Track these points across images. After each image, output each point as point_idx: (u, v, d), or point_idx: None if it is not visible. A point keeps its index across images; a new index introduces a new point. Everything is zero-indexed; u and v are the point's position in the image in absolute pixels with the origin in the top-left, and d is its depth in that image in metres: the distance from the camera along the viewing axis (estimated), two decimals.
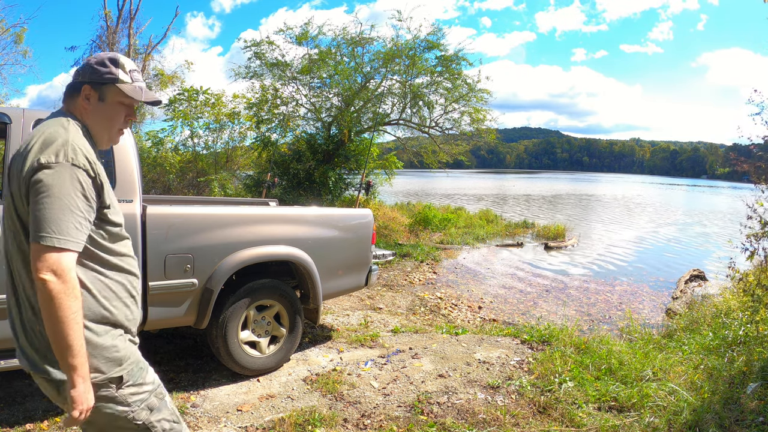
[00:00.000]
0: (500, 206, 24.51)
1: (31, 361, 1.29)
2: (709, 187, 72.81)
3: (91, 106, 1.37)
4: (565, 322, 4.80)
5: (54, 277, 1.13)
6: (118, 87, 1.37)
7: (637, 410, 2.81)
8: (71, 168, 1.20)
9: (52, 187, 1.17)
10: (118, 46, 14.30)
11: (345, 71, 10.90)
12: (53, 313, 1.14)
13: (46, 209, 1.16)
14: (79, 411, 1.20)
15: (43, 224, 1.15)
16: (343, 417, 2.78)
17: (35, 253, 1.15)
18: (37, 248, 1.15)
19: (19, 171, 1.22)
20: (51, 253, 1.14)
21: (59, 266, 1.14)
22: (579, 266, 9.78)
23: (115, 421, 1.35)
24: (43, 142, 1.23)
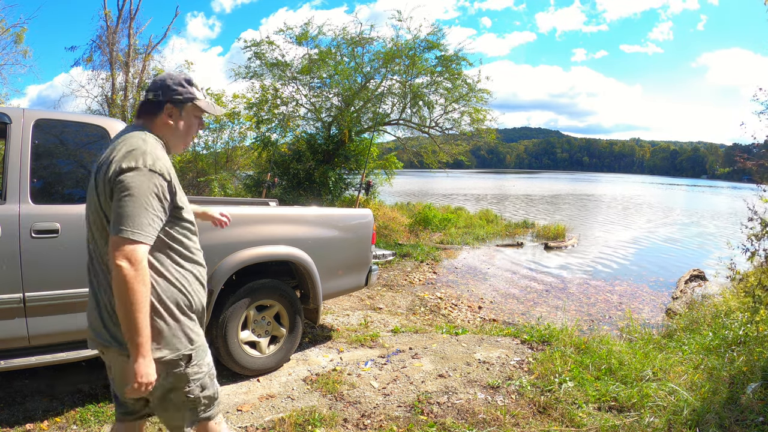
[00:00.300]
0: (500, 206, 24.51)
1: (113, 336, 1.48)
2: (709, 187, 72.82)
3: (173, 121, 1.61)
4: (565, 322, 4.80)
5: (128, 265, 1.33)
6: (196, 104, 1.64)
7: (637, 410, 2.81)
8: (149, 173, 1.41)
9: (133, 188, 1.38)
10: (118, 46, 14.28)
11: (345, 71, 10.90)
12: (125, 297, 1.34)
13: (126, 207, 1.36)
14: (141, 384, 1.38)
15: (123, 219, 1.36)
16: (343, 417, 2.78)
17: (114, 244, 1.36)
18: (116, 240, 1.36)
19: (105, 174, 1.42)
20: (127, 245, 1.34)
21: (134, 256, 1.34)
22: (579, 266, 9.78)
23: (172, 393, 1.54)
24: (126, 150, 1.44)
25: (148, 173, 1.41)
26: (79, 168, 2.85)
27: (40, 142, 2.61)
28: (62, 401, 2.82)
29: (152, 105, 1.59)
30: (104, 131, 2.81)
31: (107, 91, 14.25)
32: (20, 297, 2.43)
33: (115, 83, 14.20)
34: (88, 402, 2.82)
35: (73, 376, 3.14)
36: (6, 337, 2.44)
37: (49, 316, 2.52)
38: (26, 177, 2.51)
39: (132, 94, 14.19)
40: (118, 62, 14.13)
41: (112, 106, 13.83)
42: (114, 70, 14.14)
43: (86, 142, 2.87)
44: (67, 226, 2.55)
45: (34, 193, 2.52)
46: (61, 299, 2.53)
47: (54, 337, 2.58)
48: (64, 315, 2.56)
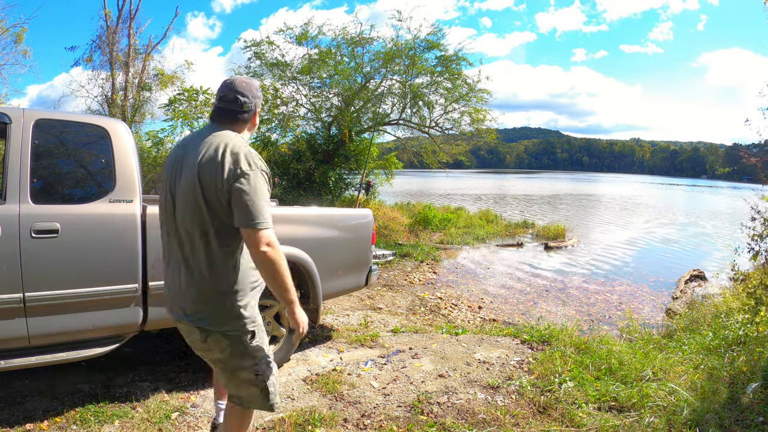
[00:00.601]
0: (500, 206, 24.51)
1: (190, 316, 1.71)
2: (709, 187, 72.83)
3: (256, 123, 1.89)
4: (565, 322, 4.80)
5: (270, 248, 1.60)
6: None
7: (637, 410, 2.81)
8: (261, 172, 1.65)
9: (254, 187, 1.61)
10: (118, 46, 14.28)
11: (345, 71, 10.90)
12: (275, 270, 1.61)
13: (254, 204, 1.59)
14: (302, 327, 1.73)
15: (254, 214, 1.59)
16: (343, 417, 2.78)
17: (252, 235, 1.59)
18: (253, 231, 1.59)
19: (214, 172, 1.61)
20: (264, 233, 1.59)
21: (271, 240, 1.61)
22: (579, 266, 9.78)
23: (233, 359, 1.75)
24: (230, 153, 1.63)
25: (261, 173, 1.65)
26: (79, 168, 2.85)
27: (40, 142, 2.61)
28: (62, 401, 2.82)
29: (243, 110, 1.78)
30: (104, 131, 2.81)
31: (107, 91, 14.24)
32: (20, 297, 2.43)
33: (115, 83, 14.20)
34: (88, 402, 2.82)
35: (73, 376, 3.13)
36: (6, 337, 2.44)
37: (49, 316, 2.52)
38: (26, 177, 2.50)
39: (132, 94, 14.19)
40: (118, 62, 14.12)
41: (112, 106, 13.83)
42: (114, 70, 14.13)
43: (86, 142, 2.87)
44: (67, 226, 2.55)
45: (34, 193, 2.52)
46: (61, 299, 2.53)
47: (54, 337, 2.58)
48: (64, 315, 2.56)
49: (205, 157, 1.64)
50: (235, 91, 1.76)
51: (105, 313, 2.68)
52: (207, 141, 1.68)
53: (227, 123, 1.77)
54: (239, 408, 1.87)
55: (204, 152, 1.65)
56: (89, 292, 2.60)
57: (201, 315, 1.70)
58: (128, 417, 2.68)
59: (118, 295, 2.70)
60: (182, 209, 1.69)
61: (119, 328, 2.76)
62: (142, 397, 2.93)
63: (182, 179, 1.69)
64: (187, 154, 1.71)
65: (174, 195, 1.72)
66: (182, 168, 1.71)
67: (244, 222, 1.59)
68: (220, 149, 1.64)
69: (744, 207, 4.76)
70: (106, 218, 2.68)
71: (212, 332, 1.70)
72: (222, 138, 1.68)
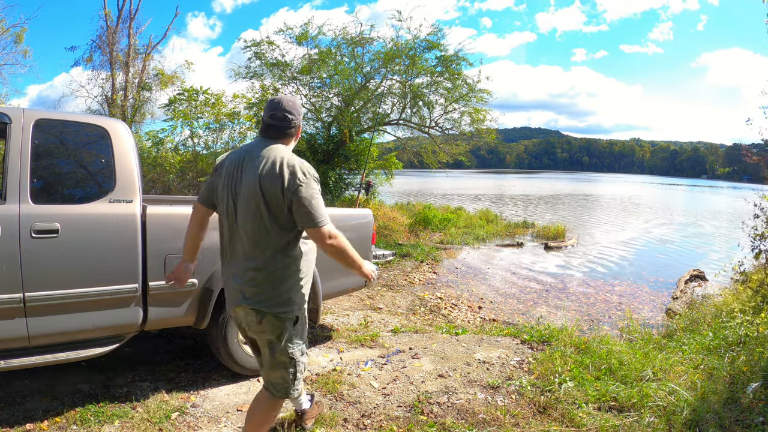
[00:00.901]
0: (500, 206, 24.51)
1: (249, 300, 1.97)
2: (709, 187, 72.81)
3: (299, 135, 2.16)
4: (565, 322, 4.80)
5: (333, 239, 1.91)
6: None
7: (637, 410, 2.81)
8: (314, 180, 1.94)
9: (311, 193, 1.90)
10: (118, 46, 14.28)
11: (345, 71, 10.90)
12: (344, 254, 1.96)
13: (314, 207, 1.89)
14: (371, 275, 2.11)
15: (315, 216, 1.89)
16: (343, 417, 2.78)
17: (316, 233, 1.91)
18: (317, 230, 1.90)
19: (275, 181, 1.88)
20: (325, 229, 1.90)
21: (332, 233, 1.92)
22: (579, 266, 9.78)
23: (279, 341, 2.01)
24: (287, 165, 1.90)
25: (314, 180, 1.94)
26: (79, 168, 2.85)
27: (40, 142, 2.61)
28: (62, 401, 2.82)
29: (291, 125, 2.04)
30: (104, 131, 2.81)
31: (107, 91, 14.24)
32: (20, 297, 2.43)
33: (115, 83, 14.20)
34: (88, 402, 2.82)
35: (73, 376, 3.14)
36: (6, 337, 2.44)
37: (49, 316, 2.52)
38: (26, 177, 2.50)
39: (132, 94, 14.19)
40: (118, 62, 14.12)
41: (112, 106, 13.83)
42: (114, 70, 14.13)
43: (86, 142, 2.87)
44: (67, 226, 2.55)
45: (34, 193, 2.52)
46: (61, 299, 2.53)
47: (54, 337, 2.58)
48: (64, 315, 2.56)
49: (264, 169, 1.91)
50: (284, 110, 2.01)
51: (105, 313, 2.68)
52: (263, 154, 1.95)
53: (277, 137, 2.03)
54: (270, 397, 2.10)
55: (263, 165, 1.92)
56: (89, 292, 2.60)
57: (259, 298, 1.96)
58: (128, 417, 2.68)
59: (118, 295, 2.70)
60: (243, 211, 1.95)
61: (119, 328, 2.76)
62: (142, 397, 2.93)
63: (242, 186, 1.96)
64: (245, 164, 1.98)
65: (235, 199, 1.99)
66: (242, 176, 1.98)
67: (308, 224, 1.90)
68: (278, 163, 1.90)
69: (744, 207, 4.76)
70: (106, 218, 2.68)
71: (267, 314, 1.96)
72: (276, 152, 1.95)
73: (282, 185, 1.87)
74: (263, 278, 1.95)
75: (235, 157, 2.06)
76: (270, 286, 1.96)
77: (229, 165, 2.05)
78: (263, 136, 2.05)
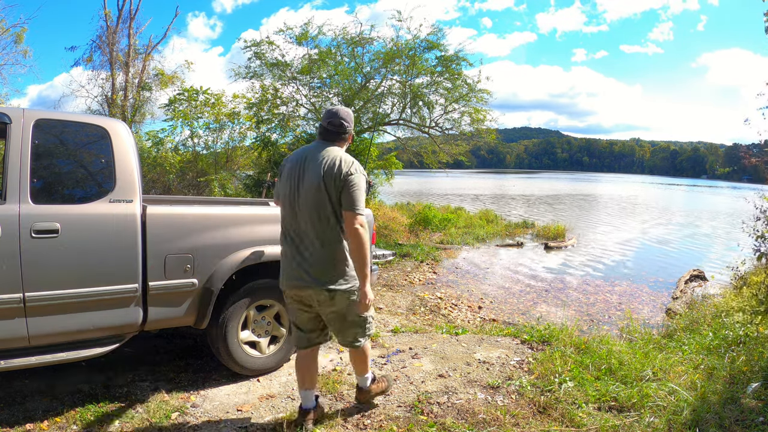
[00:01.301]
0: (500, 206, 24.51)
1: (318, 281, 2.36)
2: (709, 187, 72.82)
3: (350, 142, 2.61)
4: (565, 322, 4.80)
5: (361, 227, 2.28)
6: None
7: (637, 410, 2.81)
8: (363, 175, 2.39)
9: (356, 184, 2.33)
10: (118, 46, 14.28)
11: (345, 71, 10.90)
12: (360, 244, 2.27)
13: (355, 195, 2.31)
14: (368, 300, 2.35)
15: (355, 203, 2.30)
16: (343, 417, 2.78)
17: (350, 216, 2.29)
18: (352, 213, 2.29)
19: (333, 174, 2.31)
20: (359, 216, 2.29)
21: (362, 222, 2.30)
22: (579, 266, 9.78)
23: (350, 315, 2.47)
24: (344, 162, 2.35)
25: (361, 175, 2.37)
26: (79, 168, 2.85)
27: (40, 142, 2.61)
28: (62, 401, 2.82)
29: (345, 131, 2.49)
30: (104, 131, 2.81)
31: (107, 91, 14.25)
32: (20, 297, 2.43)
33: (115, 83, 14.20)
34: (88, 402, 2.82)
35: (73, 376, 3.14)
36: (6, 337, 2.44)
37: (49, 316, 2.52)
38: (26, 177, 2.50)
39: (132, 94, 14.19)
40: (118, 62, 14.13)
41: (112, 106, 13.83)
42: (114, 70, 14.14)
43: (86, 142, 2.87)
44: (67, 226, 2.55)
45: (34, 193, 2.52)
46: (61, 299, 2.53)
47: (54, 337, 2.58)
48: (64, 315, 2.56)
49: (326, 166, 2.35)
50: (340, 118, 2.46)
51: (105, 313, 2.68)
52: (324, 154, 2.39)
53: (333, 140, 2.47)
54: (354, 350, 2.65)
55: (325, 162, 2.36)
56: (89, 292, 2.60)
57: (327, 278, 2.36)
58: (128, 417, 2.68)
59: (118, 295, 2.70)
60: (305, 201, 2.36)
61: (119, 328, 2.76)
62: (142, 397, 2.93)
63: (306, 180, 2.36)
64: (308, 162, 2.40)
65: (298, 190, 2.39)
66: (304, 172, 2.39)
67: (347, 207, 2.31)
68: (336, 161, 2.35)
69: (745, 207, 4.75)
70: (106, 218, 2.68)
71: (337, 291, 2.37)
72: (335, 152, 2.40)
73: (339, 176, 2.31)
74: (328, 262, 2.37)
75: (296, 157, 2.48)
76: (334, 269, 2.38)
77: (291, 164, 2.48)
78: (321, 139, 2.48)
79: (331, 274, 2.36)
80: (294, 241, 2.42)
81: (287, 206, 2.45)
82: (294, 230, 2.42)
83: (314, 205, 2.34)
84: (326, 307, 2.44)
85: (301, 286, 2.40)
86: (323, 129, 2.47)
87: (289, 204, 2.42)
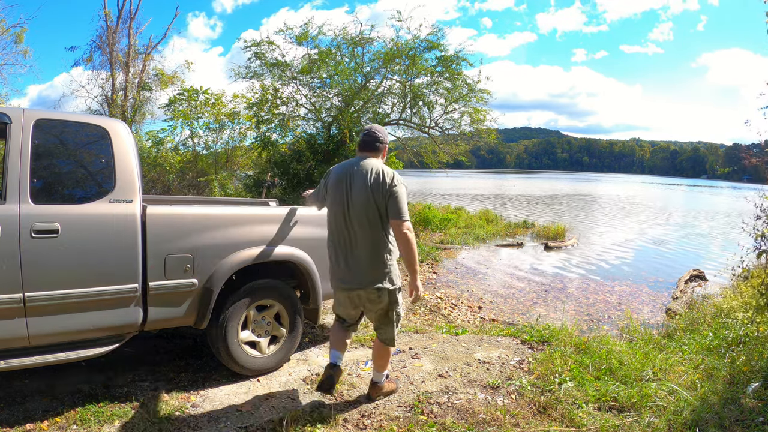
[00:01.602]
0: (500, 206, 24.50)
1: (368, 282, 2.67)
2: (709, 187, 72.81)
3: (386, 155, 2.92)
4: (565, 322, 4.80)
5: (409, 232, 2.60)
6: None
7: (637, 410, 2.81)
8: (403, 185, 2.68)
9: (400, 194, 2.62)
10: (118, 46, 14.28)
11: (345, 71, 10.89)
12: (410, 247, 2.59)
13: (400, 204, 2.60)
14: (419, 293, 2.70)
15: (401, 211, 2.60)
16: (343, 417, 2.78)
17: (399, 224, 2.58)
18: (400, 221, 2.58)
19: (379, 185, 2.62)
20: (406, 223, 2.59)
21: (410, 227, 2.62)
22: (578, 266, 9.77)
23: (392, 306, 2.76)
24: (386, 174, 2.65)
25: (402, 185, 2.67)
26: (79, 168, 2.85)
27: (40, 142, 2.61)
28: (62, 401, 2.82)
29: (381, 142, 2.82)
30: (104, 131, 2.81)
31: (107, 91, 14.25)
32: (20, 297, 2.43)
33: (115, 83, 14.21)
34: (88, 402, 2.82)
35: (73, 376, 3.14)
36: (6, 337, 2.44)
37: (49, 316, 2.52)
38: (26, 177, 2.50)
39: (132, 94, 14.19)
40: (118, 62, 14.13)
41: (112, 106, 13.84)
42: (114, 70, 14.14)
43: (86, 142, 2.87)
44: (67, 226, 2.55)
45: (34, 193, 2.52)
46: (61, 299, 2.53)
47: (54, 337, 2.58)
48: (64, 315, 2.56)
49: (372, 179, 2.65)
50: (375, 132, 2.82)
51: (105, 313, 2.68)
52: (367, 167, 2.69)
53: (371, 151, 2.79)
54: (383, 346, 2.88)
55: (370, 175, 2.66)
56: (89, 292, 2.60)
57: (375, 278, 2.66)
58: (128, 417, 2.68)
59: (118, 295, 2.70)
60: (355, 210, 2.64)
61: (119, 328, 2.76)
62: (142, 397, 2.93)
63: (354, 191, 2.65)
64: (355, 175, 2.69)
65: (348, 201, 2.66)
66: (352, 184, 2.68)
67: (395, 215, 2.60)
68: (380, 172, 2.66)
69: (745, 207, 4.75)
70: (106, 218, 2.68)
71: (383, 289, 2.67)
72: (377, 165, 2.71)
73: (385, 188, 2.61)
74: (376, 264, 2.66)
75: (342, 170, 2.77)
76: (381, 270, 2.67)
77: (337, 176, 2.75)
78: (361, 152, 2.80)
79: (379, 274, 2.66)
80: (344, 246, 2.70)
81: (338, 214, 2.71)
82: (344, 237, 2.70)
83: (364, 214, 2.62)
84: (374, 305, 2.72)
85: (352, 288, 2.70)
86: (363, 142, 2.80)
87: (341, 213, 2.69)
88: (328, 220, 2.79)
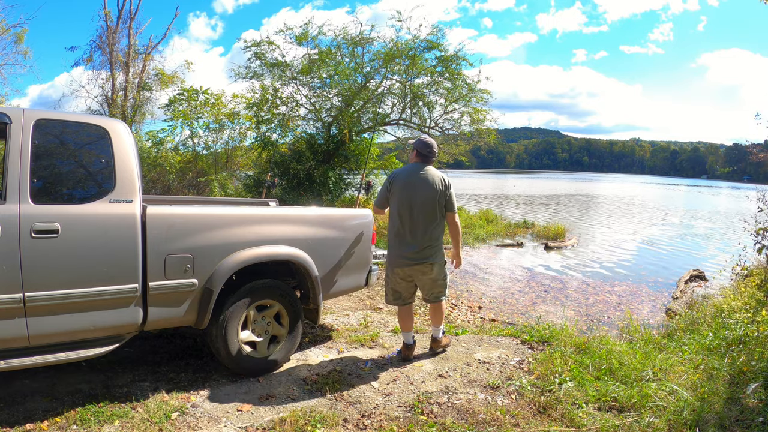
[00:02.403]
0: (500, 206, 24.50)
1: (426, 258, 3.50)
2: (709, 187, 72.81)
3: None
4: (565, 322, 4.80)
5: (459, 220, 3.63)
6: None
7: (637, 410, 2.81)
8: (452, 187, 3.57)
9: (453, 194, 3.56)
10: (118, 46, 14.29)
11: (345, 71, 10.90)
12: (459, 231, 3.64)
13: (453, 201, 3.57)
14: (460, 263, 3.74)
15: (454, 206, 3.57)
16: (343, 417, 2.78)
17: (453, 216, 3.57)
18: (453, 214, 3.57)
19: (440, 188, 3.49)
20: (457, 215, 3.61)
21: (458, 218, 3.65)
22: (578, 266, 9.77)
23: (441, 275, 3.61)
24: (443, 179, 3.54)
25: (452, 187, 3.56)
26: (79, 168, 2.85)
27: (40, 142, 2.61)
28: (62, 401, 2.82)
29: (435, 154, 3.63)
30: (104, 131, 2.81)
31: (107, 91, 14.26)
32: (20, 297, 2.43)
33: (116, 83, 14.22)
34: (88, 402, 2.81)
35: (73, 376, 3.13)
36: (6, 337, 2.44)
37: (49, 316, 2.52)
38: (26, 177, 2.50)
39: (132, 94, 14.20)
40: (118, 62, 14.14)
41: (112, 106, 13.84)
42: (114, 71, 14.15)
43: (86, 142, 2.87)
44: (67, 226, 2.55)
45: (34, 193, 2.52)
46: (61, 299, 2.53)
47: (54, 337, 2.58)
48: (64, 315, 2.56)
49: (435, 183, 3.49)
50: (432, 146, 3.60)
51: (105, 313, 2.68)
52: (429, 174, 3.52)
53: (429, 161, 3.59)
54: (437, 303, 3.67)
55: (434, 180, 3.49)
56: (89, 292, 2.60)
57: (428, 253, 3.49)
58: (128, 417, 2.68)
59: (118, 295, 2.70)
60: (422, 206, 3.46)
61: (119, 328, 2.76)
62: (142, 397, 2.93)
63: (420, 191, 3.46)
64: (419, 179, 3.49)
65: (415, 199, 3.46)
66: (416, 186, 3.47)
67: (450, 209, 3.54)
68: (438, 178, 3.52)
69: (745, 206, 4.75)
70: (106, 218, 2.68)
71: (435, 263, 3.52)
72: (435, 172, 3.56)
73: (443, 189, 3.49)
74: (433, 245, 3.50)
75: (406, 175, 3.53)
76: (436, 249, 3.52)
77: (403, 180, 3.51)
78: (421, 161, 3.57)
79: (433, 251, 3.50)
80: (409, 233, 3.48)
81: (405, 209, 3.46)
82: (410, 227, 3.47)
83: (430, 208, 3.46)
84: (426, 275, 3.53)
85: (413, 264, 3.48)
86: (423, 156, 3.57)
87: (408, 208, 3.46)
88: (393, 213, 3.53)
